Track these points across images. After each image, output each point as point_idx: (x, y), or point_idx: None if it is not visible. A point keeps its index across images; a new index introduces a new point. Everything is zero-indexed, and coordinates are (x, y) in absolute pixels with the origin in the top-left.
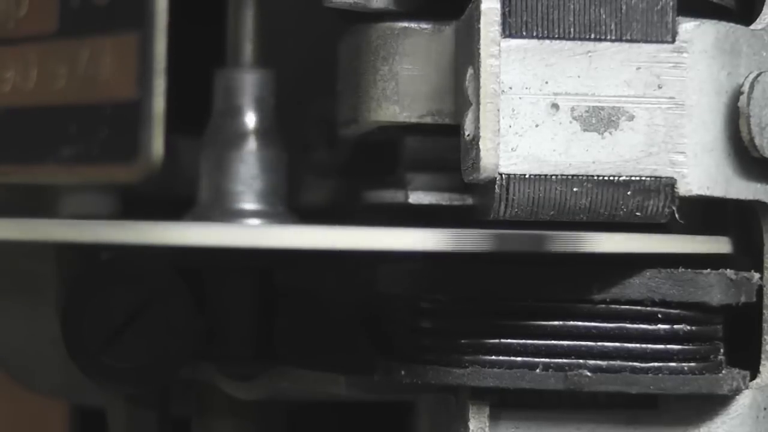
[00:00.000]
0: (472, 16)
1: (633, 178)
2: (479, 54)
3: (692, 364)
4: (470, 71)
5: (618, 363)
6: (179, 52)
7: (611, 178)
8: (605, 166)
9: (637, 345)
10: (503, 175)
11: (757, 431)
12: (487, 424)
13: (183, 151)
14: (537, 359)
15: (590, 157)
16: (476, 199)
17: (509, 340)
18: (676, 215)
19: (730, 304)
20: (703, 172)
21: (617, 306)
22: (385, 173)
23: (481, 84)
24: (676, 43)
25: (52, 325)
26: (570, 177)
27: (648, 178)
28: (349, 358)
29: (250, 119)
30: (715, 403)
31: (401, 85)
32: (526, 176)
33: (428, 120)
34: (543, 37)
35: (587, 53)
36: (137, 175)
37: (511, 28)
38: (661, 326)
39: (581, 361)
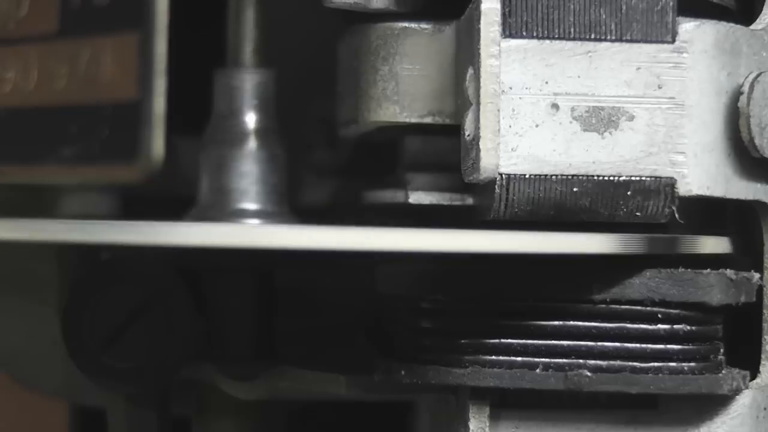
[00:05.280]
0: (472, 16)
1: (633, 178)
2: (479, 54)
3: (692, 364)
4: (470, 71)
5: (618, 363)
6: (179, 52)
7: (611, 178)
8: (605, 166)
9: (637, 345)
10: (503, 175)
11: (757, 431)
12: (487, 424)
13: (183, 151)
14: (537, 359)
15: (590, 157)
16: (476, 199)
17: (509, 340)
18: (676, 215)
19: (730, 304)
20: (703, 172)
21: (617, 306)
22: (385, 173)
23: (481, 84)
24: (676, 43)
25: (53, 325)
26: (570, 177)
27: (648, 178)
28: (349, 358)
29: (250, 119)
30: (715, 403)
31: (401, 85)
32: (526, 176)
33: (428, 120)
34: (543, 37)
35: (587, 53)
36: (137, 175)
37: (511, 28)
38: (661, 326)
39: (581, 361)
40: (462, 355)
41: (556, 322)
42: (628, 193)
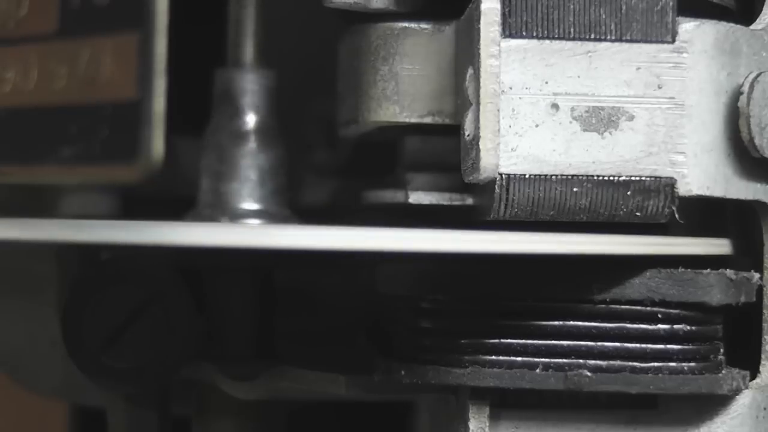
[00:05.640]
0: (472, 16)
1: (633, 178)
2: (479, 54)
3: (692, 364)
4: (470, 71)
5: (618, 363)
6: (179, 52)
7: (611, 178)
8: (605, 166)
9: (637, 345)
10: (503, 175)
11: (757, 431)
12: (487, 424)
13: (183, 151)
14: (537, 359)
15: (590, 157)
16: (476, 199)
17: (509, 340)
18: (676, 215)
19: (730, 304)
20: (703, 172)
21: (617, 306)
22: (385, 173)
23: (481, 84)
24: (676, 43)
25: (52, 325)
26: (570, 177)
27: (648, 178)
28: (349, 358)
29: (250, 119)
30: (715, 403)
31: (401, 85)
32: (526, 176)
33: (428, 120)
34: (543, 37)
35: (587, 53)
36: (137, 175)
37: (511, 28)
38: (661, 326)
39: (581, 361)
40: (462, 355)
41: (556, 322)
42: (628, 193)
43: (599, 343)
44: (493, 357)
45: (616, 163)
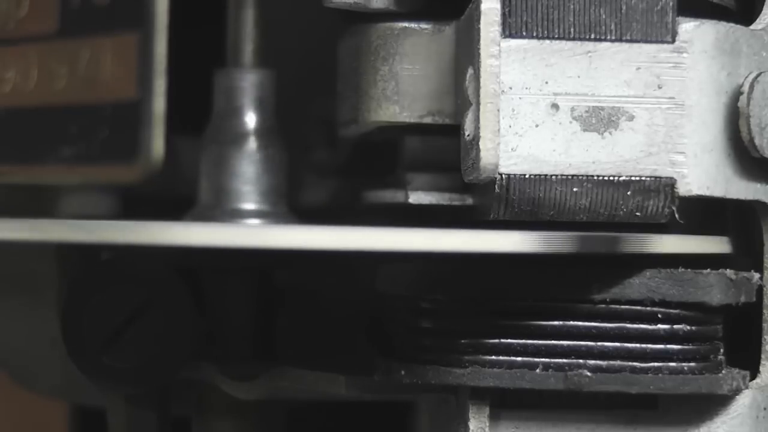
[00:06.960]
0: (472, 16)
1: (633, 178)
2: (479, 54)
3: (692, 364)
4: (470, 71)
5: (618, 363)
6: (179, 52)
7: (611, 178)
8: (605, 166)
9: (637, 345)
10: (503, 175)
11: (757, 431)
12: (487, 424)
13: (183, 151)
14: (537, 359)
15: (590, 157)
16: (476, 199)
17: (509, 340)
18: (676, 215)
19: (730, 304)
20: (703, 172)
21: (617, 306)
22: (385, 173)
23: (481, 84)
24: (676, 43)
25: (52, 325)
26: (570, 177)
27: (648, 178)
28: (349, 358)
29: (251, 119)
30: (715, 403)
31: (401, 85)
32: (526, 176)
33: (428, 120)
34: (543, 37)
35: (587, 53)
36: (137, 175)
37: (511, 28)
38: (661, 326)
39: (581, 361)
40: (462, 355)
41: (556, 322)
42: (628, 193)
43: (599, 343)
44: (493, 357)
45: (616, 163)
